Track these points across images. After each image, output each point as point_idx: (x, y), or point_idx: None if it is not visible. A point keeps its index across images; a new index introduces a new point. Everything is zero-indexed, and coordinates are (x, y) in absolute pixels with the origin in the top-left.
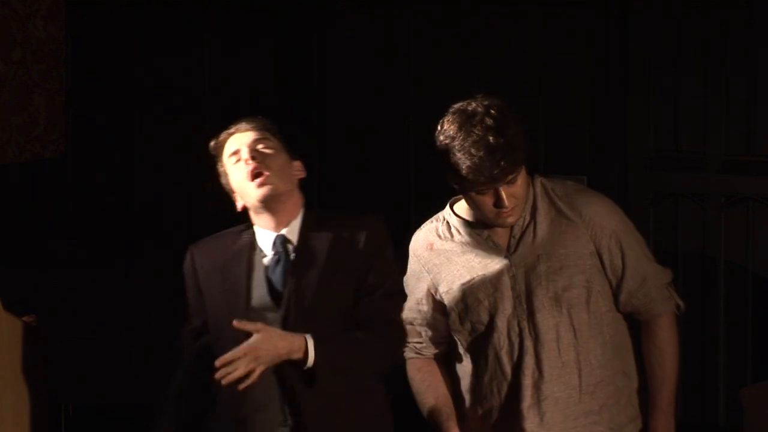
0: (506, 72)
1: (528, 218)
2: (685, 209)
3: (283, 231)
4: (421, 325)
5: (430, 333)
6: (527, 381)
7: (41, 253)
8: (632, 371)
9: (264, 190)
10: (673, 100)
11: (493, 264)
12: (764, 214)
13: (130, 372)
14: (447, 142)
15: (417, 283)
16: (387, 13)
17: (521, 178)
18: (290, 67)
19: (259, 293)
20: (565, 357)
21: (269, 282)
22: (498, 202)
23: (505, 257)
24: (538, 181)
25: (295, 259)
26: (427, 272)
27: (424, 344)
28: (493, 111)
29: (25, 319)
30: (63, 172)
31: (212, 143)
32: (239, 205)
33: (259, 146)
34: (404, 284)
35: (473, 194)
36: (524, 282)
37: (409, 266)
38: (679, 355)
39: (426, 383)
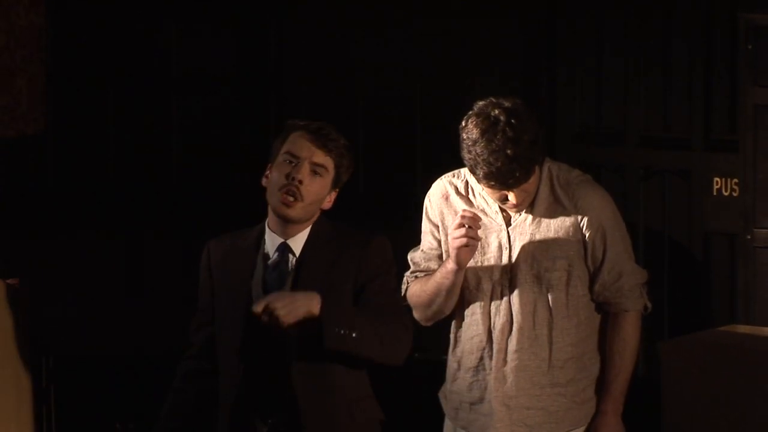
0: (446, 55)
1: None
2: (607, 180)
3: (289, 240)
4: (427, 260)
5: (434, 268)
6: (501, 345)
7: (23, 222)
8: (599, 354)
9: (287, 211)
10: (596, 81)
11: (493, 231)
12: (678, 186)
13: (108, 326)
14: (469, 143)
15: (428, 224)
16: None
17: (533, 176)
18: (249, 49)
19: (257, 292)
20: (539, 330)
21: (265, 283)
22: (508, 197)
23: (504, 229)
24: (547, 166)
25: (293, 270)
26: (438, 217)
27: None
28: (513, 120)
29: (8, 281)
30: (43, 148)
31: (281, 138)
32: (263, 182)
33: (315, 167)
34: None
35: (486, 188)
36: (514, 255)
37: (424, 207)
38: (638, 350)
39: (423, 279)
